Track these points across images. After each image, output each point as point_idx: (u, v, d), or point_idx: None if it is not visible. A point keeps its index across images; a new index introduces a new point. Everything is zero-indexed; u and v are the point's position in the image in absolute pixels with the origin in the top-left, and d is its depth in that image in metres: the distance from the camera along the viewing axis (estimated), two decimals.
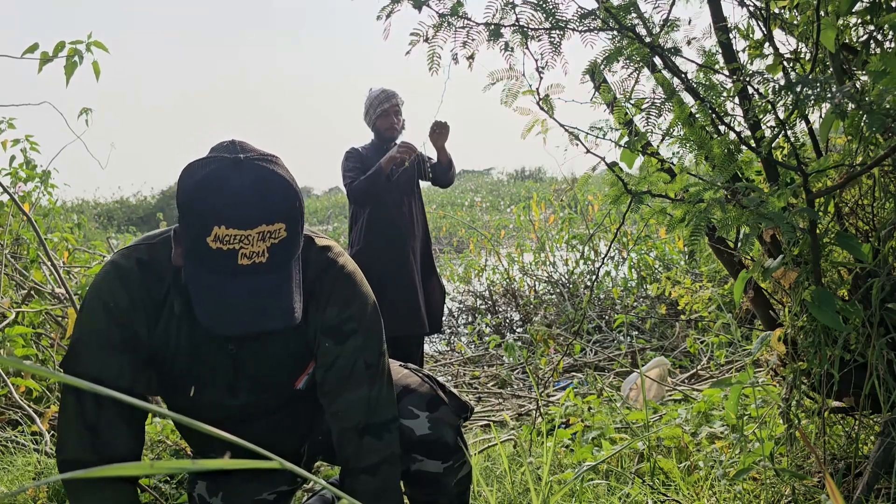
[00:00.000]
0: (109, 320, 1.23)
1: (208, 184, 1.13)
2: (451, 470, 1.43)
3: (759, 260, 1.72)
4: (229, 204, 1.10)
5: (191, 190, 1.14)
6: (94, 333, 1.24)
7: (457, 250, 10.93)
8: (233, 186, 1.11)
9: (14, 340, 3.24)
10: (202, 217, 1.12)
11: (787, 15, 1.74)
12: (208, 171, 1.14)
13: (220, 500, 1.43)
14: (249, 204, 1.11)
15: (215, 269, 1.12)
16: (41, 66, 2.92)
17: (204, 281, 1.13)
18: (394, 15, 1.51)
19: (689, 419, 2.47)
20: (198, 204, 1.12)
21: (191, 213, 1.13)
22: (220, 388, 1.34)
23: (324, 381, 1.34)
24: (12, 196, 3.45)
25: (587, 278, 6.02)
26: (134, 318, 1.24)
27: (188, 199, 1.14)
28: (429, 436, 1.39)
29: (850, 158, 1.55)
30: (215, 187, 1.12)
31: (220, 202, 1.11)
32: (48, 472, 2.51)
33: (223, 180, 1.12)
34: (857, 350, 1.59)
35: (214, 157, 1.16)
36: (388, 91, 3.55)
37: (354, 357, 1.32)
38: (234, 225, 1.10)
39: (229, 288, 1.12)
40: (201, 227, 1.11)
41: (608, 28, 1.47)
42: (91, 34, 2.95)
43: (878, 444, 1.59)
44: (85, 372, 1.20)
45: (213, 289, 1.13)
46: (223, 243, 1.10)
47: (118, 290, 1.24)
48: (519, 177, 30.31)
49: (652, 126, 1.54)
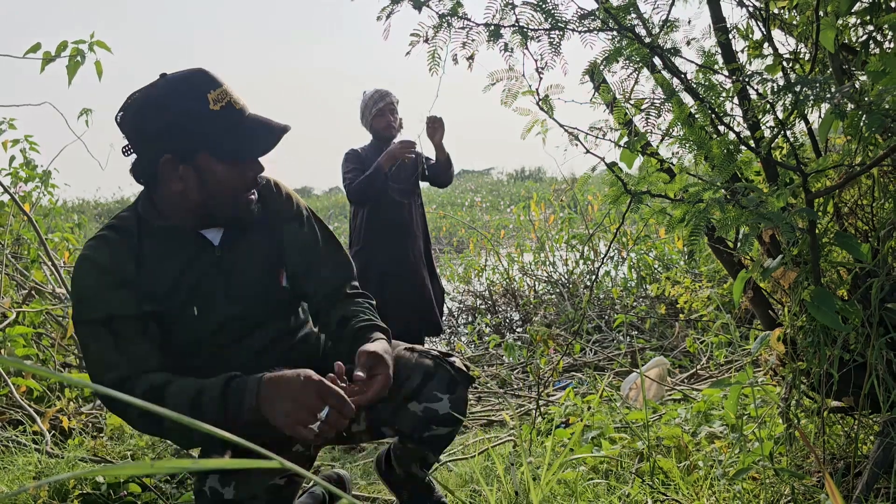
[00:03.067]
0: (99, 272, 1.40)
1: (174, 87, 1.39)
2: (454, 432, 1.63)
3: (758, 260, 1.72)
4: (195, 80, 1.39)
5: (160, 106, 1.37)
6: (90, 286, 1.39)
7: (457, 250, 10.94)
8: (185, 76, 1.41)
9: (15, 340, 3.24)
10: (194, 97, 1.37)
11: (786, 15, 1.75)
12: (158, 90, 1.39)
13: (234, 490, 1.43)
14: (202, 72, 1.41)
15: (228, 124, 1.38)
16: (43, 65, 2.92)
17: (226, 135, 1.38)
18: (394, 15, 1.51)
19: (689, 419, 2.47)
20: (176, 99, 1.37)
21: (178, 111, 1.36)
22: (218, 299, 1.50)
23: (299, 265, 1.62)
24: (13, 196, 3.46)
25: (587, 278, 6.03)
26: (120, 265, 1.41)
27: (168, 111, 1.36)
28: (448, 413, 1.58)
29: (850, 158, 1.55)
30: (180, 80, 1.40)
31: (192, 84, 1.38)
32: (49, 472, 2.51)
33: (176, 81, 1.41)
34: (857, 350, 1.60)
35: (137, 92, 1.41)
36: (381, 90, 3.55)
37: (315, 230, 1.66)
38: (215, 86, 1.38)
39: (247, 125, 1.41)
40: (197, 104, 1.36)
41: (608, 28, 1.47)
42: (94, 34, 2.96)
43: (878, 443, 1.60)
44: (94, 312, 1.36)
45: (237, 132, 1.39)
46: (220, 101, 1.37)
47: (100, 249, 1.42)
48: (519, 177, 30.30)
49: (651, 126, 1.54)
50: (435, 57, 1.50)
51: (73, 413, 3.15)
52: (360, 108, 3.60)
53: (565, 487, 1.99)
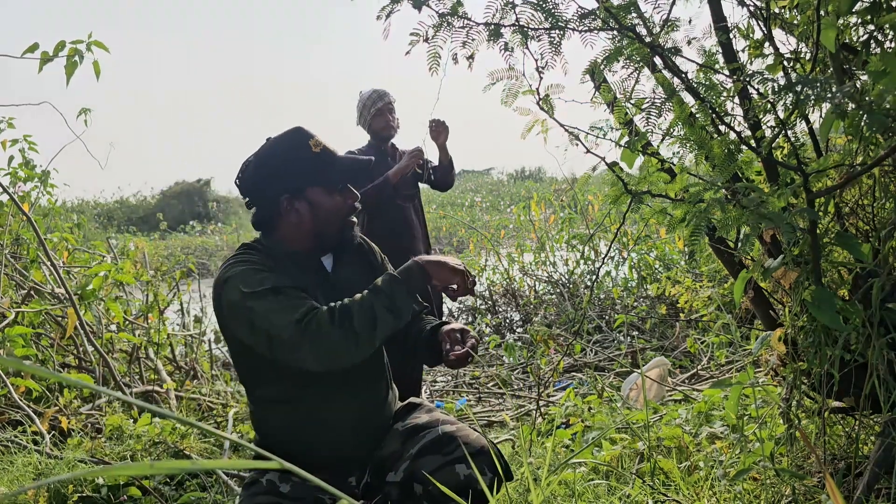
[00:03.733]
0: (253, 264, 1.63)
1: (279, 142, 1.73)
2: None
3: (759, 260, 1.72)
4: (296, 134, 1.73)
5: (272, 157, 1.71)
6: (250, 271, 1.60)
7: (457, 250, 10.94)
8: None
9: (14, 340, 3.24)
10: (297, 145, 1.70)
11: (787, 15, 1.74)
12: (267, 148, 1.73)
13: (290, 487, 1.61)
14: (300, 128, 1.75)
15: (327, 162, 1.71)
16: (41, 65, 2.92)
17: (327, 170, 1.71)
18: (394, 15, 1.51)
19: (690, 419, 2.47)
20: (283, 149, 1.71)
21: (286, 158, 1.69)
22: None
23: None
24: (12, 196, 3.45)
25: (587, 278, 6.03)
26: (266, 265, 1.65)
27: (277, 159, 1.70)
28: (481, 493, 1.63)
29: (850, 158, 1.54)
30: (283, 136, 1.74)
31: (294, 136, 1.72)
32: (48, 473, 2.51)
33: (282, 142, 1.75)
34: (858, 350, 1.59)
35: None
36: (379, 90, 3.53)
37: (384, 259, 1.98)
38: (311, 136, 1.72)
39: (343, 161, 1.74)
40: (301, 150, 1.69)
41: (608, 28, 1.47)
42: (91, 34, 2.95)
43: (878, 444, 1.59)
44: (261, 286, 1.55)
45: (335, 167, 1.72)
46: (318, 146, 1.71)
47: (244, 260, 1.65)
48: (519, 177, 30.29)
49: (652, 126, 1.54)
50: (434, 57, 1.50)
51: (72, 413, 3.15)
52: (357, 108, 3.57)
53: (566, 488, 1.98)
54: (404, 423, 1.76)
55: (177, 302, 4.59)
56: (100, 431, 3.05)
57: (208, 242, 15.86)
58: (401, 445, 1.70)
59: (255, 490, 1.63)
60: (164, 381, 3.64)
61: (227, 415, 3.32)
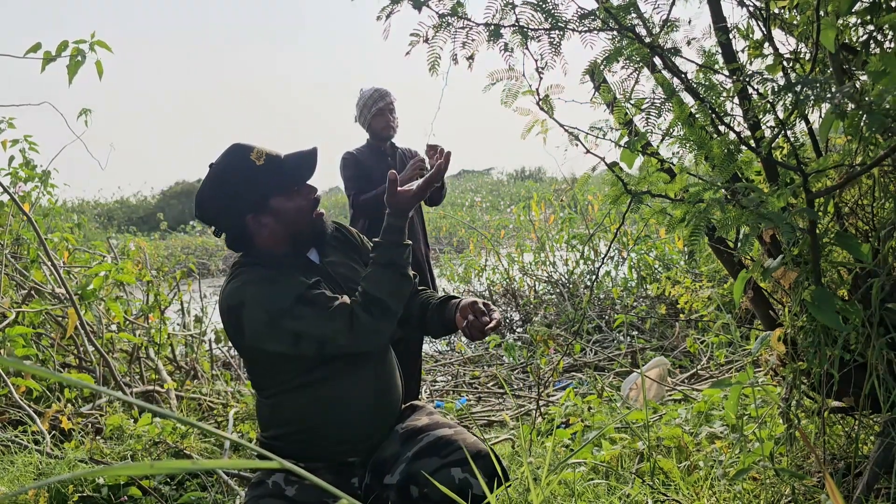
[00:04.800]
0: (259, 282, 1.66)
1: (221, 167, 1.73)
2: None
3: (758, 260, 1.72)
4: (235, 152, 1.73)
5: (224, 183, 1.71)
6: (264, 292, 1.64)
7: (457, 250, 10.94)
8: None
9: (14, 340, 3.24)
10: (241, 164, 1.70)
11: (786, 15, 1.75)
12: (213, 175, 1.74)
13: (295, 490, 1.62)
14: (237, 145, 1.76)
15: (275, 168, 1.71)
16: (44, 65, 2.92)
17: (279, 176, 1.72)
18: (393, 15, 1.51)
19: (689, 419, 2.47)
20: (229, 173, 1.71)
21: (236, 180, 1.70)
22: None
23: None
24: (12, 196, 3.45)
25: (587, 278, 6.03)
26: (269, 275, 1.68)
27: (228, 184, 1.70)
28: (478, 496, 1.64)
29: (850, 158, 1.55)
30: (222, 159, 1.74)
31: (234, 156, 1.73)
32: (49, 473, 2.51)
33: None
34: (857, 350, 1.59)
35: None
36: (380, 90, 3.51)
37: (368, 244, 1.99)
38: (250, 149, 1.71)
39: (289, 162, 1.74)
40: (246, 167, 1.69)
41: (608, 28, 1.47)
42: (94, 34, 2.95)
43: (878, 443, 1.59)
44: (287, 299, 1.61)
45: (284, 170, 1.73)
46: (260, 157, 1.71)
47: (248, 273, 1.68)
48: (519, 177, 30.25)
49: (652, 126, 1.54)
50: (434, 58, 1.50)
51: (73, 413, 3.15)
52: (357, 106, 3.55)
53: (566, 488, 1.98)
54: (404, 426, 1.77)
55: (177, 302, 4.59)
56: (100, 431, 3.05)
57: (209, 242, 15.85)
58: (399, 447, 1.71)
59: (261, 492, 1.63)
60: (165, 380, 3.64)
61: (227, 414, 3.32)
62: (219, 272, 12.67)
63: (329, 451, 1.71)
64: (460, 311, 1.77)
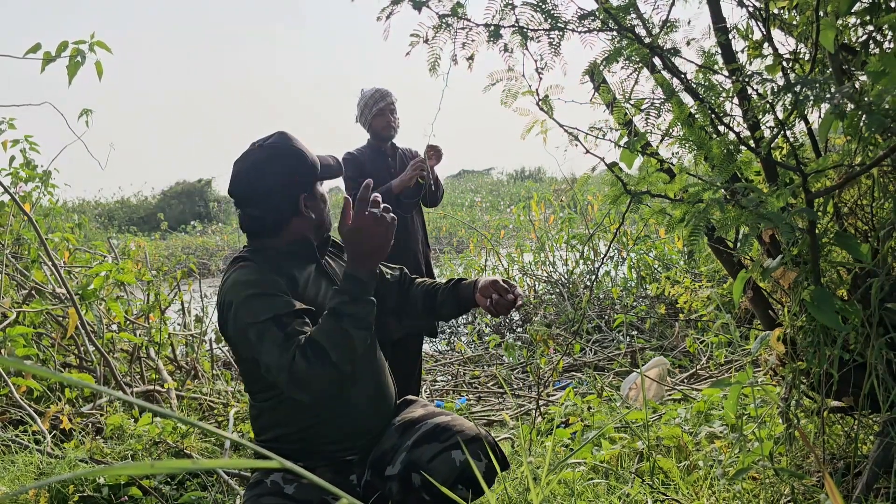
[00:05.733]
0: (255, 286, 1.64)
1: (276, 146, 1.76)
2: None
3: (758, 260, 1.72)
4: (284, 137, 1.79)
5: (282, 163, 1.74)
6: (252, 297, 1.62)
7: (457, 250, 10.94)
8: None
9: (15, 340, 3.25)
10: (294, 150, 1.76)
11: (786, 15, 1.75)
12: (267, 153, 1.76)
13: (294, 488, 1.62)
14: (283, 132, 1.82)
15: (314, 160, 1.78)
16: (44, 66, 2.92)
17: (319, 166, 1.79)
18: (394, 16, 1.51)
19: (689, 419, 2.47)
20: (286, 152, 1.75)
21: (294, 161, 1.74)
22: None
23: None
24: (13, 196, 3.46)
25: (587, 278, 6.03)
26: (267, 279, 1.67)
27: (284, 166, 1.73)
28: (476, 478, 1.64)
29: (849, 159, 1.55)
30: (275, 141, 1.78)
31: (284, 139, 1.78)
32: (49, 472, 2.51)
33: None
34: (857, 350, 1.60)
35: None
36: (381, 90, 3.52)
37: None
38: (296, 139, 1.80)
39: (310, 154, 1.79)
40: (299, 151, 1.75)
41: (608, 29, 1.47)
42: (94, 34, 2.96)
43: (878, 443, 1.60)
44: (265, 313, 1.58)
45: (310, 160, 1.78)
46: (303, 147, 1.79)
47: (251, 272, 1.68)
48: (519, 177, 30.25)
49: (651, 126, 1.54)
50: (434, 58, 1.50)
51: (73, 413, 3.15)
52: (357, 106, 3.56)
53: (565, 487, 1.99)
54: (400, 419, 1.78)
55: (178, 301, 4.59)
56: (100, 431, 3.06)
57: (209, 242, 15.86)
58: (398, 439, 1.72)
59: (260, 491, 1.63)
60: (165, 380, 3.65)
61: (227, 414, 3.32)
62: (219, 272, 12.67)
63: (327, 451, 1.72)
64: (481, 291, 1.78)
